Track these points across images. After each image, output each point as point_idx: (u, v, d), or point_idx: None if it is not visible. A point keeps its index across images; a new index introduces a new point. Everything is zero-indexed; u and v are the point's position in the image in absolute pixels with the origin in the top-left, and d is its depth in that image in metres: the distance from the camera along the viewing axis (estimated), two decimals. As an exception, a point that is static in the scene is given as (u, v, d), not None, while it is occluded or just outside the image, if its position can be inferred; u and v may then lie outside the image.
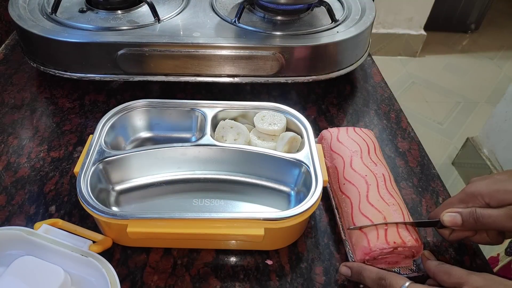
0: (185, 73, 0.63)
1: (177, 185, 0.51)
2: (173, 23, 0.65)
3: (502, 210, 0.38)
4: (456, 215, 0.40)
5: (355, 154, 0.49)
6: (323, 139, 0.54)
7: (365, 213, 0.43)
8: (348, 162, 0.48)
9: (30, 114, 0.62)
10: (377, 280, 0.38)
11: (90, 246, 0.41)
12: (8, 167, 0.54)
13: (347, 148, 0.50)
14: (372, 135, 0.53)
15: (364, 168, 0.47)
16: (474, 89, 2.18)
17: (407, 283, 0.36)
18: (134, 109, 0.53)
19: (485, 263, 0.46)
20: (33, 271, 0.39)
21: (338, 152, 0.50)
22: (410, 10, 2.21)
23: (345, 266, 0.42)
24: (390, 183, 0.47)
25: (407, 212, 0.44)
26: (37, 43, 0.62)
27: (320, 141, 0.54)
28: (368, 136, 0.52)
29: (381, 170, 0.47)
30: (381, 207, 0.43)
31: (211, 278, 0.43)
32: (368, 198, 0.44)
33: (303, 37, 0.63)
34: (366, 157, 0.49)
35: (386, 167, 0.49)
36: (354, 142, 0.51)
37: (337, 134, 0.53)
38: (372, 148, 0.50)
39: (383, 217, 0.42)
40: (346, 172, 0.48)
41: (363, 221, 0.43)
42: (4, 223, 0.47)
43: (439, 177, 0.56)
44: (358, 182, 0.46)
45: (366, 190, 0.45)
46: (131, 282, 0.42)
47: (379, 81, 0.73)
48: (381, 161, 0.49)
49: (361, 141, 0.51)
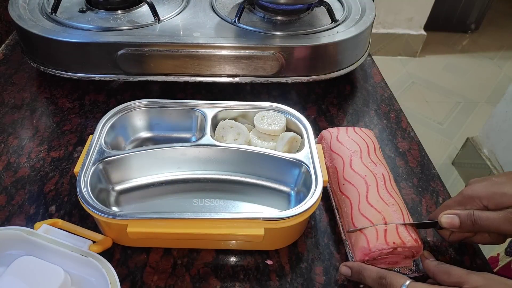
0: (185, 73, 0.63)
1: (177, 185, 0.51)
2: (173, 23, 0.65)
3: (500, 213, 0.38)
4: (454, 217, 0.40)
5: (354, 154, 0.49)
6: (323, 139, 0.54)
7: (365, 213, 0.43)
8: (348, 162, 0.48)
9: (30, 114, 0.62)
10: (377, 279, 0.38)
11: (90, 246, 0.41)
12: (8, 167, 0.54)
13: (346, 148, 0.50)
14: (372, 135, 0.53)
15: (364, 168, 0.47)
16: (474, 89, 2.18)
17: (407, 281, 0.36)
18: (134, 109, 0.53)
19: (485, 263, 0.46)
20: (33, 271, 0.39)
21: (338, 152, 0.50)
22: (410, 10, 2.21)
23: (345, 266, 0.42)
24: (390, 183, 0.47)
25: (407, 212, 0.44)
26: (37, 43, 0.62)
27: (320, 141, 0.54)
28: (368, 136, 0.52)
29: (380, 170, 0.47)
30: (380, 207, 0.43)
31: (211, 278, 0.43)
32: (368, 198, 0.44)
33: (303, 37, 0.63)
34: (366, 157, 0.49)
35: (386, 167, 0.49)
36: (354, 142, 0.51)
37: (337, 134, 0.52)
38: (372, 148, 0.50)
39: (383, 217, 0.42)
40: (345, 172, 0.48)
41: (363, 221, 0.43)
42: (4, 223, 0.47)
43: (439, 177, 0.56)
44: (357, 182, 0.46)
45: (366, 191, 0.45)
46: (131, 282, 0.42)
47: (379, 81, 0.73)
48: (381, 161, 0.49)
49: (361, 141, 0.51)
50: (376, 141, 0.52)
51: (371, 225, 0.42)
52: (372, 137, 0.52)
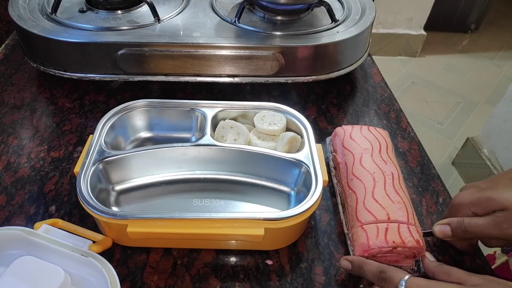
0: (185, 73, 0.63)
1: (177, 185, 0.51)
2: (173, 23, 0.65)
3: (488, 218, 0.38)
4: (445, 226, 0.41)
5: (365, 152, 0.50)
6: (336, 135, 0.54)
7: (369, 208, 0.44)
8: (358, 158, 0.49)
9: (30, 114, 0.62)
10: (377, 273, 0.38)
11: (90, 246, 0.41)
12: (8, 167, 0.54)
13: (358, 145, 0.51)
14: (386, 135, 0.54)
15: (373, 166, 0.48)
16: (474, 89, 2.18)
17: (406, 276, 0.36)
18: (134, 109, 0.53)
19: (485, 263, 0.46)
20: (33, 271, 0.39)
21: (349, 149, 0.51)
22: (410, 10, 2.21)
23: (345, 260, 0.42)
24: (398, 182, 0.47)
25: (413, 212, 0.44)
26: (37, 43, 0.62)
27: (334, 138, 0.55)
28: (382, 136, 0.53)
29: (390, 169, 0.48)
30: (385, 203, 0.44)
31: (211, 278, 0.43)
32: (374, 194, 0.45)
33: (303, 37, 0.63)
34: (376, 155, 0.49)
35: (397, 166, 0.49)
36: (366, 140, 0.51)
37: (351, 131, 0.53)
38: (384, 147, 0.51)
39: (386, 213, 0.43)
40: (355, 168, 0.48)
41: (367, 216, 0.43)
42: (4, 223, 0.47)
43: (439, 177, 0.56)
44: (365, 178, 0.47)
45: (373, 187, 0.46)
46: (131, 282, 0.42)
47: (379, 81, 0.73)
48: (392, 160, 0.50)
49: (374, 139, 0.52)
50: (389, 141, 0.53)
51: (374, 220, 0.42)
52: (386, 137, 0.53)
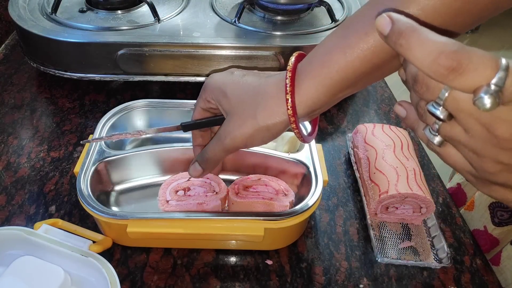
0: (185, 73, 0.63)
1: (177, 185, 0.51)
2: (173, 23, 0.65)
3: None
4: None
5: (388, 148, 0.51)
6: (358, 132, 0.56)
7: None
8: (381, 154, 0.51)
9: (30, 114, 0.62)
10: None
11: (90, 246, 0.41)
12: (8, 167, 0.54)
13: (380, 141, 0.52)
14: (407, 134, 0.55)
15: (396, 161, 0.49)
16: (474, 89, 2.17)
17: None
18: (134, 109, 0.53)
19: (485, 263, 0.46)
20: (33, 271, 0.39)
21: (372, 145, 0.52)
22: (410, 10, 2.20)
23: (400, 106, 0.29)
24: (420, 177, 0.48)
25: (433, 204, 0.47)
26: (37, 43, 0.62)
27: (355, 134, 0.56)
28: (403, 134, 0.54)
29: (412, 165, 0.49)
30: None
31: (211, 278, 0.43)
32: (397, 187, 0.46)
33: (303, 37, 0.63)
34: (399, 151, 0.51)
35: (418, 164, 0.50)
36: (388, 137, 0.53)
37: (373, 129, 0.55)
38: (405, 145, 0.52)
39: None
40: (377, 162, 0.50)
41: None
42: (4, 223, 0.47)
43: (439, 177, 0.56)
44: (388, 172, 0.48)
45: (396, 180, 0.47)
46: (131, 282, 0.42)
47: (379, 81, 0.73)
48: (413, 157, 0.51)
49: (396, 137, 0.53)
50: (410, 140, 0.54)
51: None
52: (406, 136, 0.54)
